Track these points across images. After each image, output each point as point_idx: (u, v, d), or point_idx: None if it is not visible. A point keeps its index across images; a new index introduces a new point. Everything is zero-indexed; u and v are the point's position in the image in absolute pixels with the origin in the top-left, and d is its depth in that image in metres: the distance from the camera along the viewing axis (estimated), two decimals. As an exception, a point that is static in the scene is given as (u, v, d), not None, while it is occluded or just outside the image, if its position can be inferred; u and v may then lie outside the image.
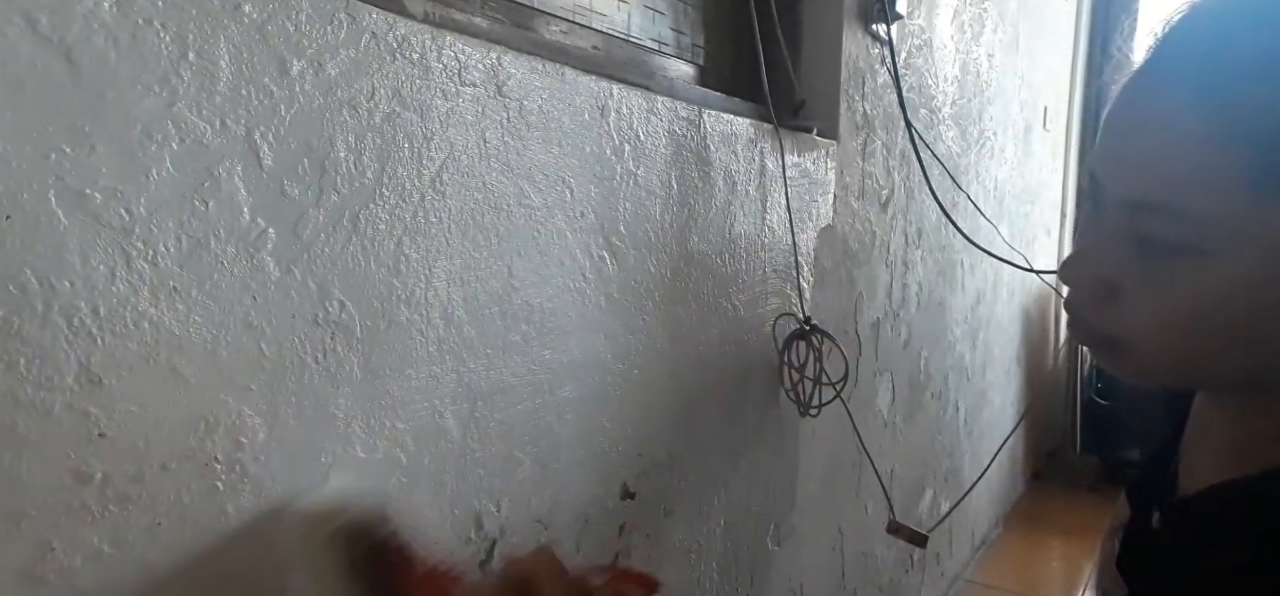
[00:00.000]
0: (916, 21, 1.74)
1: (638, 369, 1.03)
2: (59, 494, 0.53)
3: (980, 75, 2.19)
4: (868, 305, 1.65)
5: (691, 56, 1.30)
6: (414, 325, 0.75)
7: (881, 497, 1.74)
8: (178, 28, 0.56)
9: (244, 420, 0.62)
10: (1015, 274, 2.60)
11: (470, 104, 0.79)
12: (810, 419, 1.41)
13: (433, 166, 0.75)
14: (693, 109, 1.10)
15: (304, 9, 0.64)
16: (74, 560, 0.54)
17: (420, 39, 0.73)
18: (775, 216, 1.30)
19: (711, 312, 1.17)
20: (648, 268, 1.03)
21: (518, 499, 0.88)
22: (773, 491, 1.37)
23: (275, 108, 0.62)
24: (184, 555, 0.59)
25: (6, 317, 0.49)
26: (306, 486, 0.67)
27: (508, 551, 0.78)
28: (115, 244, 0.54)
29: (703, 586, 1.20)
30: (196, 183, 0.58)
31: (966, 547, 2.45)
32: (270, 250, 0.63)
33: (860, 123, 1.55)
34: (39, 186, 0.50)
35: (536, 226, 0.87)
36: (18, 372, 0.50)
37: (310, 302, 0.66)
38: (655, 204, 1.04)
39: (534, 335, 0.88)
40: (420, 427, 0.76)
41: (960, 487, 2.28)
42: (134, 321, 0.55)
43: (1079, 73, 3.42)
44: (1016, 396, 2.91)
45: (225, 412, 0.61)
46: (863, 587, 1.75)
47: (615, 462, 1.01)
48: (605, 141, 0.95)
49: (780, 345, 1.33)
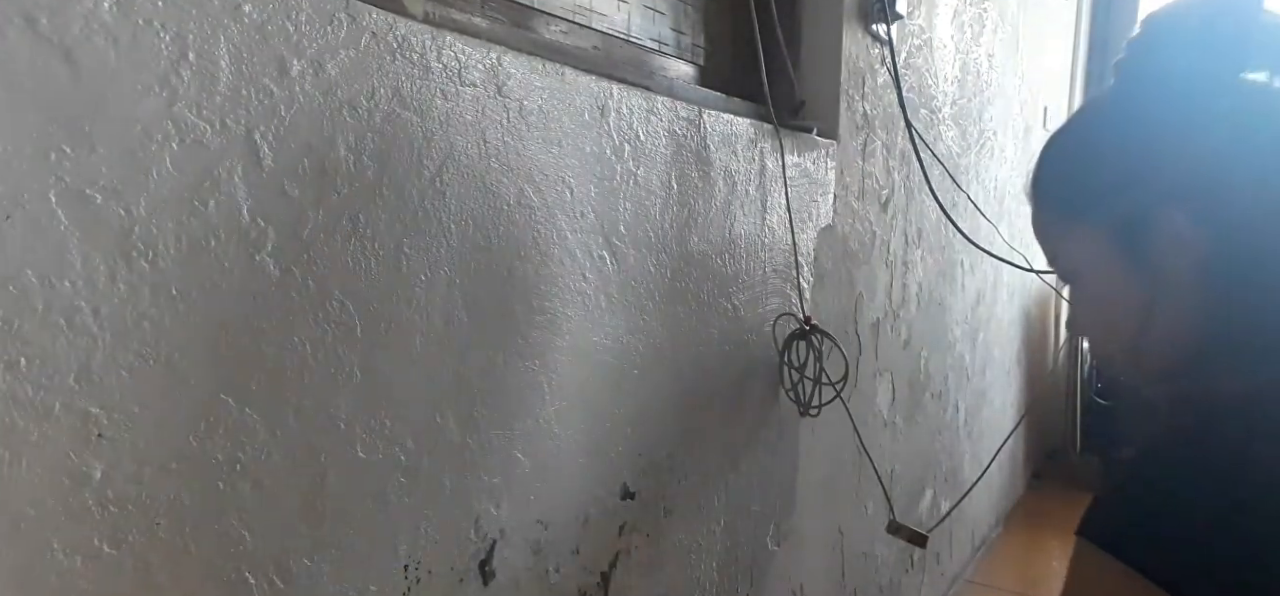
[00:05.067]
0: (916, 21, 1.74)
1: (638, 369, 1.03)
2: (58, 494, 0.53)
3: (980, 75, 2.19)
4: (868, 305, 1.65)
5: (691, 56, 1.30)
6: (414, 325, 0.75)
7: (881, 497, 1.74)
8: (178, 28, 0.56)
9: (244, 420, 0.62)
10: (1015, 274, 2.60)
11: (470, 104, 0.79)
12: (810, 419, 1.41)
13: (433, 166, 0.75)
14: (693, 109, 1.10)
15: (304, 9, 0.64)
16: (74, 560, 0.54)
17: (420, 39, 0.73)
18: (775, 216, 1.30)
19: (711, 312, 1.17)
20: (648, 267, 1.03)
21: (518, 499, 0.88)
22: (773, 491, 1.37)
23: (275, 108, 0.62)
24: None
25: (6, 318, 0.49)
26: (308, 487, 0.67)
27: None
28: (115, 244, 0.54)
29: (703, 586, 1.20)
30: (196, 183, 0.58)
31: (966, 547, 2.45)
32: (270, 250, 0.63)
33: (860, 123, 1.55)
34: (39, 186, 0.50)
35: (536, 226, 0.87)
36: (18, 372, 0.50)
37: (310, 302, 0.66)
38: (655, 204, 1.04)
39: (533, 335, 0.88)
40: (420, 427, 0.76)
41: (960, 487, 2.28)
42: (134, 321, 0.55)
43: (1079, 73, 3.42)
44: (1016, 396, 2.90)
45: (225, 412, 0.61)
46: (863, 587, 1.75)
47: (615, 462, 1.01)
48: (605, 141, 0.95)
49: (780, 345, 1.33)
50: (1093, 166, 0.66)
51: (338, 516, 0.70)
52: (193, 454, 0.59)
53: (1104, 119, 0.68)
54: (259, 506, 0.64)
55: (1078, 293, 0.70)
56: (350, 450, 0.70)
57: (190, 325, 0.58)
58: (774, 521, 1.38)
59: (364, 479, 0.72)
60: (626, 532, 1.04)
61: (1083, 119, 0.70)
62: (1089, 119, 0.70)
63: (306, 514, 0.67)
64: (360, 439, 0.71)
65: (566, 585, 0.96)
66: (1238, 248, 0.60)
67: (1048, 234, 0.70)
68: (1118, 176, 0.64)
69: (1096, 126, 0.68)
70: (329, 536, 0.69)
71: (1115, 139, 0.65)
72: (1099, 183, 0.65)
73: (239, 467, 0.62)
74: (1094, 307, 0.69)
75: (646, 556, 1.08)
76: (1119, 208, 0.63)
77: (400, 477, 0.75)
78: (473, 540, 0.83)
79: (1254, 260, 0.60)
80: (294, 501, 0.66)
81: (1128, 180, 0.63)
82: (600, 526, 1.00)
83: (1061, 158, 0.69)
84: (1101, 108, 0.71)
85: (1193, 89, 0.61)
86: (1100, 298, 0.68)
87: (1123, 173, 0.63)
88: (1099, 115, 0.70)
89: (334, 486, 0.69)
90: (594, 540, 0.99)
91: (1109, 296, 0.66)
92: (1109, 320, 0.68)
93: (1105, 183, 0.64)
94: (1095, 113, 0.71)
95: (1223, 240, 0.59)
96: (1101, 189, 0.64)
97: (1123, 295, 0.65)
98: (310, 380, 0.67)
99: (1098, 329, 0.70)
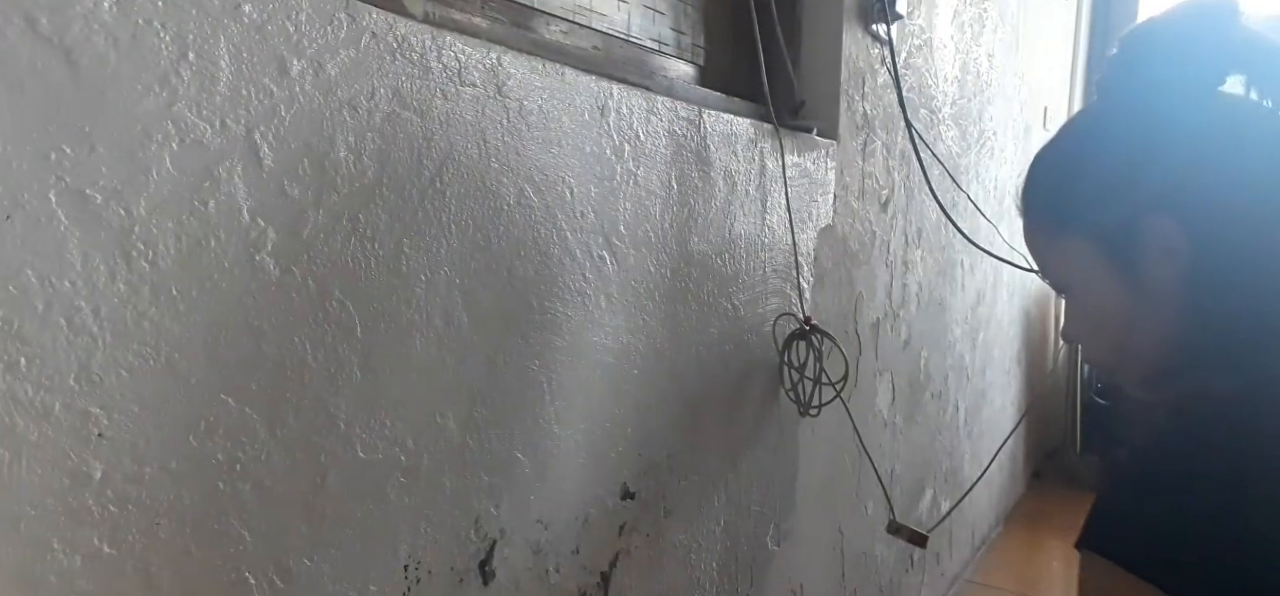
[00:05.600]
0: (916, 21, 1.74)
1: (638, 369, 1.03)
2: (58, 494, 0.53)
3: (980, 75, 2.19)
4: (868, 305, 1.65)
5: (691, 56, 1.30)
6: (414, 325, 0.75)
7: (881, 497, 1.74)
8: (178, 28, 0.56)
9: (244, 420, 0.62)
10: (1015, 274, 2.60)
11: (470, 104, 0.79)
12: (810, 419, 1.41)
13: (433, 166, 0.75)
14: (693, 109, 1.10)
15: (304, 9, 0.64)
16: (74, 560, 0.54)
17: (420, 39, 0.73)
18: (775, 216, 1.30)
19: (711, 312, 1.17)
20: (648, 267, 1.03)
21: (517, 499, 0.88)
22: (773, 491, 1.37)
23: (275, 108, 0.62)
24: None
25: (6, 317, 0.49)
26: (308, 487, 0.67)
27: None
28: (115, 244, 0.54)
29: (703, 586, 1.20)
30: (196, 183, 0.58)
31: (966, 547, 2.45)
32: (270, 250, 0.63)
33: (860, 123, 1.55)
34: (39, 186, 0.50)
35: (536, 226, 0.87)
36: (18, 372, 0.50)
37: (310, 302, 0.66)
38: (655, 204, 1.04)
39: (533, 335, 0.88)
40: (420, 427, 0.76)
41: (960, 487, 2.28)
42: (134, 321, 0.55)
43: (1079, 73, 3.42)
44: (1016, 396, 2.90)
45: (225, 412, 0.61)
46: (863, 587, 1.75)
47: (615, 462, 1.01)
48: (605, 141, 0.95)
49: (780, 345, 1.33)
50: (1077, 177, 0.68)
51: (338, 516, 0.70)
52: (193, 454, 0.59)
53: (1088, 132, 0.70)
54: (259, 506, 0.64)
55: (1069, 301, 0.72)
56: (350, 450, 0.70)
57: (190, 325, 0.58)
58: (774, 521, 1.38)
59: (364, 479, 0.72)
60: (626, 532, 1.04)
61: (1068, 134, 0.72)
62: (1074, 133, 0.72)
63: (306, 514, 0.67)
64: (360, 439, 0.71)
65: (566, 585, 0.96)
66: (1220, 253, 0.61)
67: (1037, 245, 0.73)
68: (1102, 186, 0.65)
69: (1081, 140, 0.70)
70: (329, 536, 0.69)
71: (1099, 151, 0.67)
72: (1084, 193, 0.67)
73: (239, 467, 0.62)
74: (1084, 315, 0.70)
75: (646, 556, 1.08)
76: (1104, 216, 0.65)
77: (400, 477, 0.75)
78: (473, 540, 0.83)
79: (1235, 264, 0.61)
80: (294, 501, 0.66)
81: (1112, 189, 0.65)
82: (600, 526, 1.00)
83: (1048, 170, 0.71)
84: (1085, 122, 0.73)
85: (1173, 101, 0.63)
86: (1089, 305, 0.69)
87: (1107, 182, 0.65)
88: (1083, 129, 0.72)
89: (334, 486, 0.69)
90: (594, 540, 0.99)
91: (1097, 304, 0.68)
92: (1098, 326, 0.69)
93: (1090, 192, 0.66)
94: (1079, 127, 0.73)
95: (1205, 246, 0.61)
96: (1087, 199, 0.66)
97: (1110, 302, 0.67)
98: (310, 380, 0.67)
99: (1088, 336, 0.71)
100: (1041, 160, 0.72)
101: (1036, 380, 3.10)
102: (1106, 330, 0.68)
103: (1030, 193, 0.72)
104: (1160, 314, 0.64)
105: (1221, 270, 0.61)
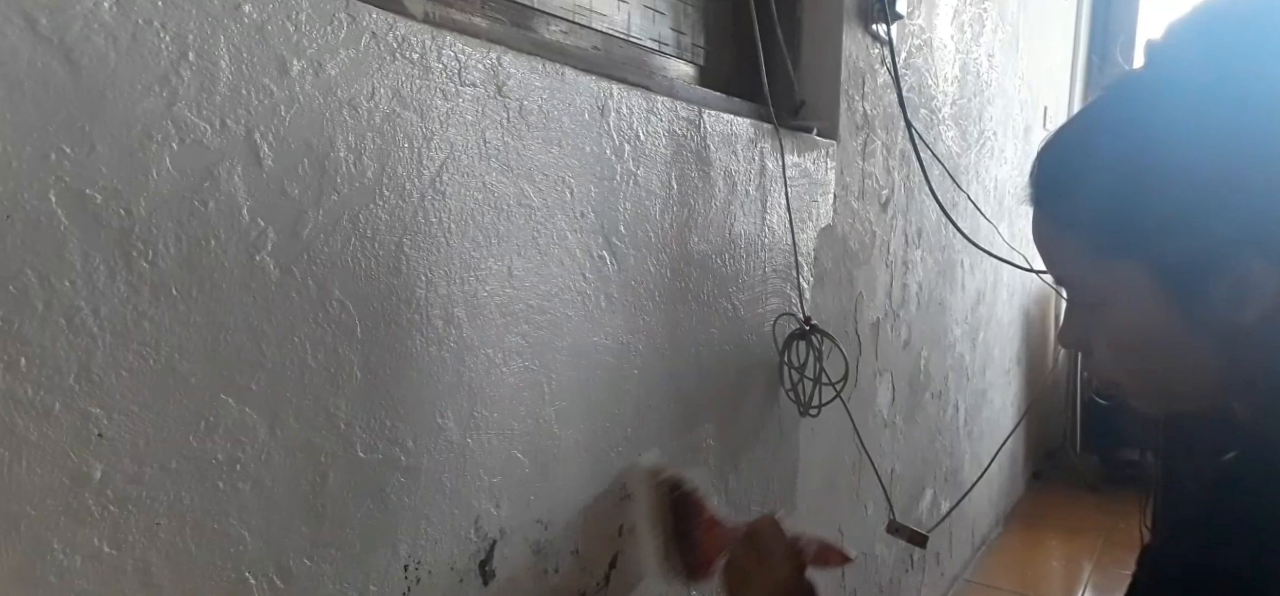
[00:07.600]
0: (916, 21, 1.74)
1: (638, 369, 1.03)
2: (58, 494, 0.53)
3: (980, 75, 2.19)
4: (868, 305, 1.65)
5: (691, 56, 1.30)
6: (414, 325, 0.75)
7: (881, 497, 1.74)
8: (178, 28, 0.56)
9: (244, 420, 0.62)
10: (1015, 274, 2.60)
11: (470, 104, 0.79)
12: (810, 419, 1.41)
13: (433, 166, 0.75)
14: (693, 109, 1.10)
15: (304, 9, 0.64)
16: (74, 560, 0.54)
17: (420, 39, 0.73)
18: (775, 216, 1.30)
19: (711, 312, 1.17)
20: (648, 267, 1.03)
21: (517, 499, 0.88)
22: (773, 491, 1.37)
23: (275, 108, 0.62)
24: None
25: (6, 317, 0.49)
26: (308, 487, 0.67)
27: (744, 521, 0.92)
28: (115, 244, 0.54)
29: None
30: (196, 183, 0.58)
31: (966, 547, 2.45)
32: (270, 250, 0.63)
33: (860, 123, 1.55)
34: (39, 186, 0.50)
35: (536, 226, 0.87)
36: (18, 372, 0.50)
37: (310, 302, 0.66)
38: (655, 204, 1.04)
39: (533, 335, 0.88)
40: (420, 427, 0.76)
41: (960, 487, 2.28)
42: (134, 321, 0.55)
43: (1079, 73, 3.42)
44: (1016, 396, 2.90)
45: (225, 412, 0.61)
46: (863, 587, 1.75)
47: (615, 463, 1.01)
48: (605, 141, 0.95)
49: (780, 345, 1.33)
50: (1148, 200, 0.57)
51: (338, 516, 0.70)
52: (193, 454, 0.59)
53: (1158, 142, 0.57)
54: (259, 506, 0.64)
55: (1088, 313, 0.64)
56: (350, 450, 0.70)
57: (190, 325, 0.58)
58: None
59: (364, 479, 0.72)
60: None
61: (1128, 135, 0.59)
62: (1138, 137, 0.58)
63: (306, 514, 0.67)
64: (360, 439, 0.71)
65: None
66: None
67: (1066, 253, 0.64)
68: (1178, 217, 0.56)
69: (1149, 150, 0.57)
70: (329, 536, 0.69)
71: (1178, 172, 0.55)
72: (1156, 218, 0.57)
73: (239, 467, 0.62)
74: (1110, 334, 0.63)
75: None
76: (1174, 248, 0.56)
77: (400, 477, 0.75)
78: (473, 540, 0.83)
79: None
80: (294, 501, 0.66)
81: (1190, 222, 0.55)
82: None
83: (1106, 185, 0.59)
84: (1153, 125, 0.58)
85: (1270, 105, 0.53)
86: (1121, 327, 0.62)
87: (1185, 213, 0.56)
88: (1150, 136, 0.58)
89: (334, 486, 0.69)
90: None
91: (1140, 331, 0.61)
92: (1133, 353, 0.62)
93: (1164, 219, 0.56)
94: (1145, 131, 0.58)
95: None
96: (1158, 226, 0.57)
97: (1159, 333, 0.59)
98: (310, 380, 0.67)
99: (1114, 359, 0.64)
100: (1095, 164, 0.60)
101: (1036, 380, 3.10)
102: (1141, 357, 0.62)
103: (1060, 192, 0.63)
104: (1227, 352, 0.58)
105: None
